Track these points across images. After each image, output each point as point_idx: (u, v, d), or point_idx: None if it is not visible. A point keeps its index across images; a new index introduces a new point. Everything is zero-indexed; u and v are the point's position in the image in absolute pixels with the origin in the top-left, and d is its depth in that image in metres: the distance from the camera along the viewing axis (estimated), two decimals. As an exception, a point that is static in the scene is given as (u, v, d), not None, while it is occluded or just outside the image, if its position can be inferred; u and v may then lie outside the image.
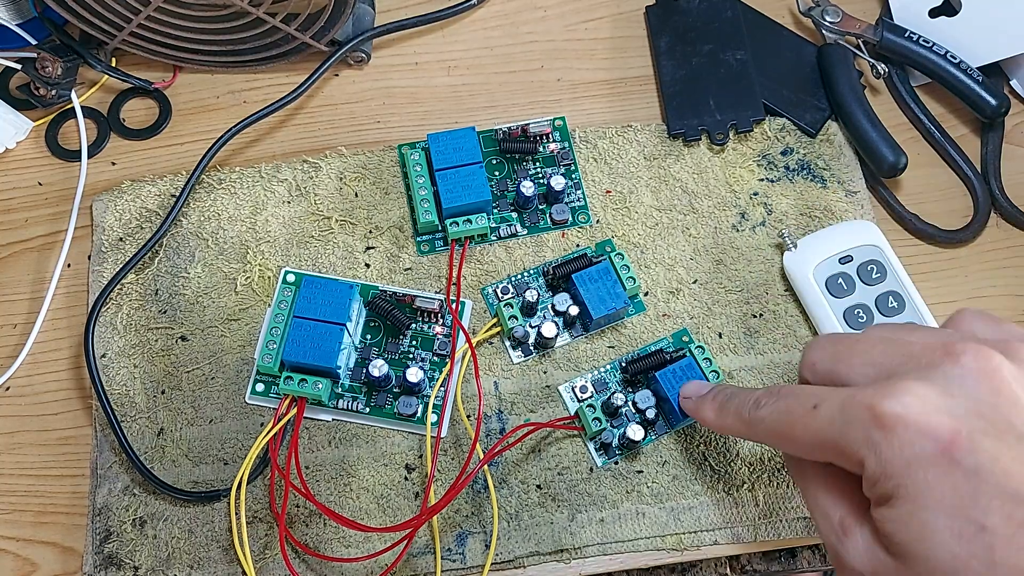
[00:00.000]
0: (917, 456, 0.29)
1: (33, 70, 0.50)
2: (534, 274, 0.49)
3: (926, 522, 0.29)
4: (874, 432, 0.30)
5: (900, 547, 0.29)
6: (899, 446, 0.29)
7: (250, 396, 0.46)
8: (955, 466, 0.28)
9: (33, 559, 0.44)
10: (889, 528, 0.30)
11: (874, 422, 0.30)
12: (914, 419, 0.29)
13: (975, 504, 0.28)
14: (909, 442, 0.29)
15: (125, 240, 0.49)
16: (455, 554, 0.43)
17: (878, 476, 0.30)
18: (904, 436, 0.29)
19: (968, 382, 0.30)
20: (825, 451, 0.32)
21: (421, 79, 0.55)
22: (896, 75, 0.55)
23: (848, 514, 0.32)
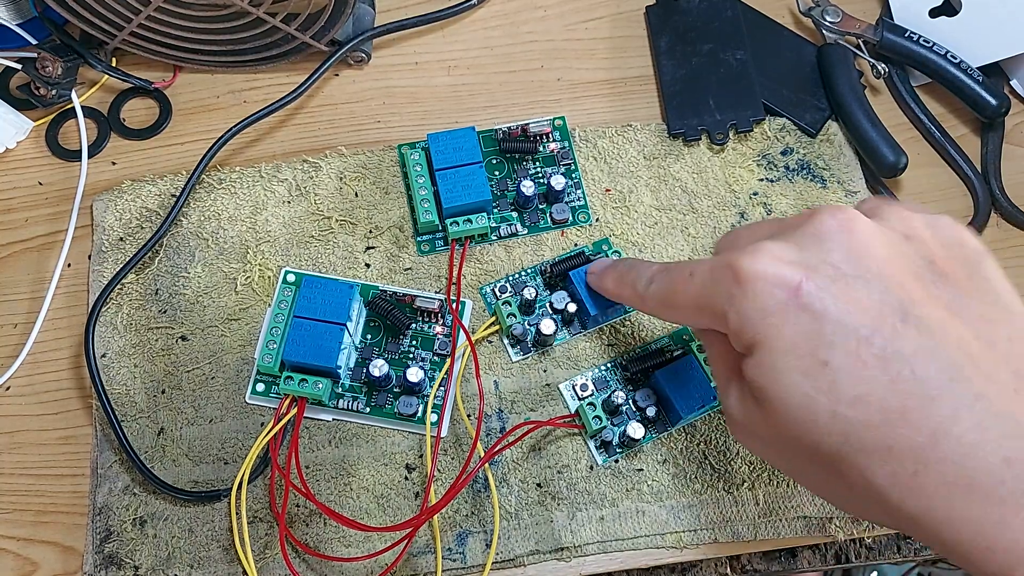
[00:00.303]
0: (769, 304, 0.31)
1: (33, 70, 0.50)
2: (532, 273, 0.49)
3: (778, 364, 0.31)
4: (734, 288, 0.32)
5: (761, 391, 0.32)
6: (753, 297, 0.31)
7: (250, 396, 0.46)
8: (803, 310, 0.30)
9: (33, 559, 0.44)
10: (751, 375, 0.32)
11: (734, 279, 0.32)
12: (766, 271, 0.31)
13: (819, 343, 0.30)
14: (762, 292, 0.31)
15: (125, 240, 0.49)
16: (455, 553, 0.43)
17: (739, 328, 0.32)
18: (757, 287, 0.31)
19: (822, 236, 0.32)
20: (701, 314, 0.35)
21: (421, 79, 0.55)
22: (896, 75, 0.55)
23: (728, 371, 0.35)
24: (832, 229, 0.32)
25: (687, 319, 0.37)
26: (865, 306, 0.30)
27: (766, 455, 0.35)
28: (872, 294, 0.30)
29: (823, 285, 0.30)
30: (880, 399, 0.29)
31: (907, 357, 0.29)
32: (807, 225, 0.32)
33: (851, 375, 0.29)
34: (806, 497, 0.45)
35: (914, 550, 0.46)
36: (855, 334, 0.30)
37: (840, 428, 0.30)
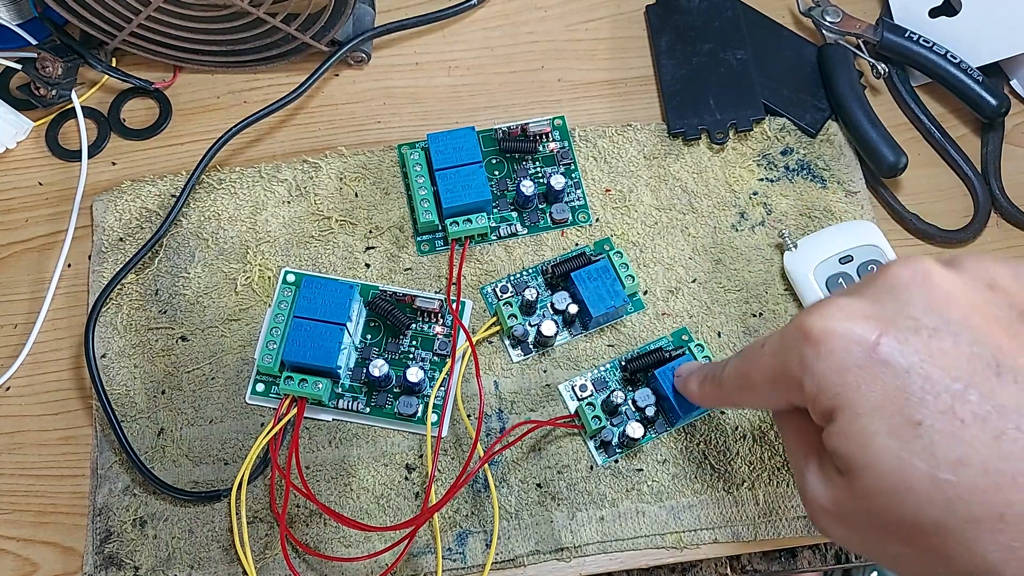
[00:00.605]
0: (846, 363, 0.29)
1: (33, 70, 0.50)
2: (533, 273, 0.49)
3: (864, 428, 0.28)
4: (805, 349, 0.30)
5: (846, 460, 0.29)
6: (828, 356, 0.29)
7: (250, 396, 0.46)
8: (885, 366, 0.28)
9: (33, 559, 0.44)
10: (834, 444, 0.29)
11: (804, 340, 0.30)
12: (840, 328, 0.29)
13: (908, 401, 0.27)
14: (837, 350, 0.29)
15: (125, 240, 0.49)
16: (455, 553, 0.43)
17: (815, 393, 0.29)
18: (832, 346, 0.29)
19: (898, 289, 0.30)
20: (776, 387, 0.32)
21: (421, 79, 0.55)
22: (896, 75, 0.55)
23: (807, 449, 0.32)
24: (907, 280, 0.30)
25: (767, 399, 0.34)
26: (953, 359, 0.27)
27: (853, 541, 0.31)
28: (960, 346, 0.28)
29: (904, 338, 0.28)
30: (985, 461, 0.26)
31: (1010, 412, 0.26)
32: (879, 278, 0.30)
33: (948, 435, 0.27)
34: (806, 497, 0.45)
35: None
36: (947, 389, 0.27)
37: (942, 496, 0.27)
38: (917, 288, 0.29)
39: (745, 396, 0.36)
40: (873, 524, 0.29)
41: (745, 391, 0.35)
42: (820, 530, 0.32)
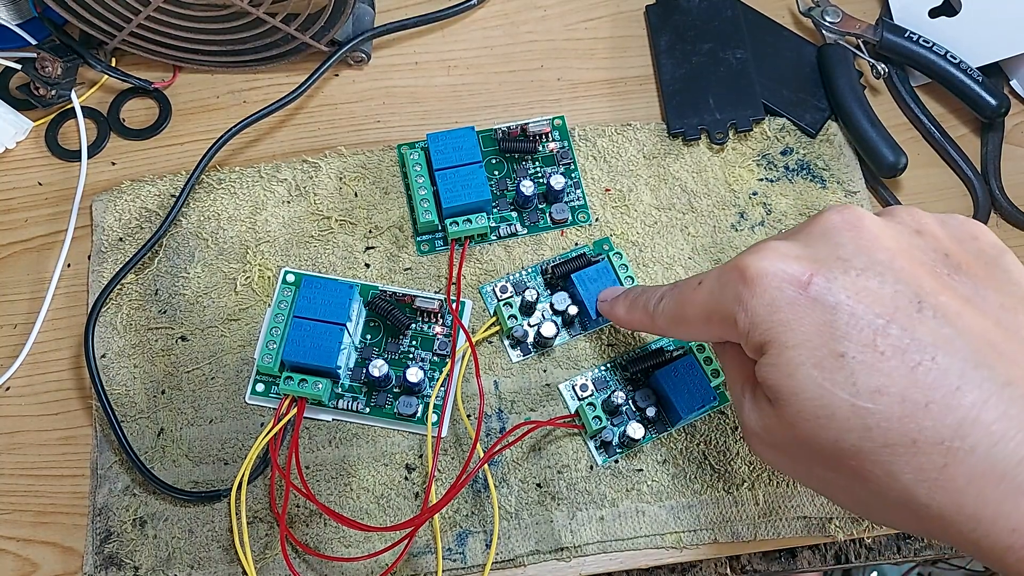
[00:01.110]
0: (778, 300, 0.30)
1: (33, 70, 0.50)
2: (532, 273, 0.49)
3: (791, 359, 0.30)
4: (741, 287, 0.31)
5: (775, 391, 0.31)
6: (761, 294, 0.31)
7: (250, 396, 0.46)
8: (814, 303, 0.30)
9: (33, 559, 0.44)
10: (764, 375, 0.31)
11: (741, 279, 0.31)
12: (774, 267, 0.31)
13: (833, 335, 0.29)
14: (770, 288, 0.31)
15: (125, 240, 0.49)
16: (455, 553, 0.43)
17: (749, 329, 0.31)
18: (765, 284, 0.31)
19: (830, 233, 0.32)
20: (711, 323, 0.34)
21: (421, 79, 0.55)
22: (896, 75, 0.55)
23: (743, 380, 0.34)
24: (839, 225, 0.31)
25: (699, 332, 0.36)
26: (879, 297, 0.29)
27: (783, 465, 0.33)
28: (885, 285, 0.30)
29: (833, 278, 0.30)
30: (901, 390, 0.28)
31: (927, 346, 0.28)
32: (813, 224, 0.32)
33: (869, 366, 0.29)
34: (806, 497, 0.45)
35: (914, 550, 0.46)
36: (870, 325, 0.29)
37: (860, 422, 0.29)
38: (848, 232, 0.31)
39: (678, 328, 0.37)
40: (800, 450, 0.31)
41: (679, 324, 0.37)
42: (755, 453, 0.35)
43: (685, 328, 0.37)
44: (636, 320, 0.41)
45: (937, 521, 0.28)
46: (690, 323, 0.36)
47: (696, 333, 0.37)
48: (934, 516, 0.28)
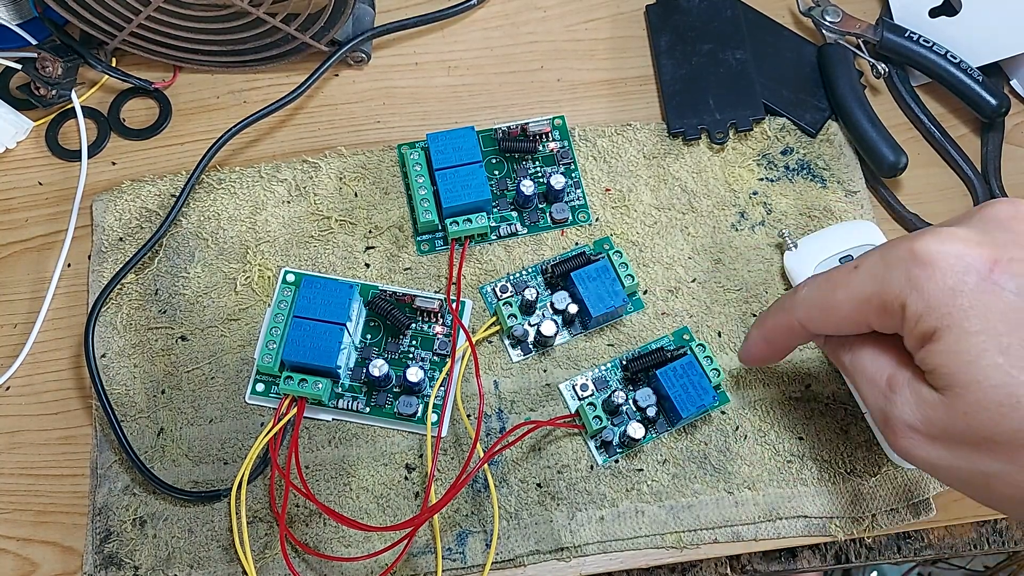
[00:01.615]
0: (959, 285, 0.30)
1: (33, 70, 0.50)
2: (532, 273, 0.49)
3: (973, 345, 0.29)
4: (915, 269, 0.30)
5: (948, 378, 0.30)
6: (941, 277, 0.30)
7: (250, 396, 0.46)
8: (998, 289, 0.29)
9: (33, 559, 0.44)
10: (935, 361, 0.30)
11: (914, 261, 0.31)
12: (955, 251, 0.30)
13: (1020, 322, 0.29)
14: (951, 271, 0.30)
15: (125, 240, 0.49)
16: (455, 553, 0.43)
17: (921, 312, 0.30)
18: (945, 266, 0.30)
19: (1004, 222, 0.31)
20: (867, 309, 0.33)
21: (421, 79, 0.55)
22: (896, 75, 0.55)
23: (894, 371, 0.33)
24: (1012, 215, 0.31)
25: (846, 320, 0.34)
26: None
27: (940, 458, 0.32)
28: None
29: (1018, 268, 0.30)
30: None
31: None
32: (983, 212, 0.32)
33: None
34: (806, 497, 0.45)
35: (914, 550, 0.46)
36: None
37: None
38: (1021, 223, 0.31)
39: (823, 318, 0.35)
40: (968, 440, 0.30)
41: (824, 312, 0.35)
42: (903, 451, 0.33)
43: (831, 315, 0.35)
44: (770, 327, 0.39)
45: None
46: (839, 309, 0.34)
47: (841, 321, 0.35)
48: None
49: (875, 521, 0.45)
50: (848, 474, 0.45)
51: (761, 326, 0.40)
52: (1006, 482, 0.31)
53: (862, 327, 0.34)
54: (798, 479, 0.45)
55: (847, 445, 0.46)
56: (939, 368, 0.30)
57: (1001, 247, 0.30)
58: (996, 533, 0.47)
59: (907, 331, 0.31)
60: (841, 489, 0.45)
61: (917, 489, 0.45)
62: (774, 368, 0.47)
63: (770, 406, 0.46)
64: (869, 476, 0.45)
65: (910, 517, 0.45)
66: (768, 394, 0.47)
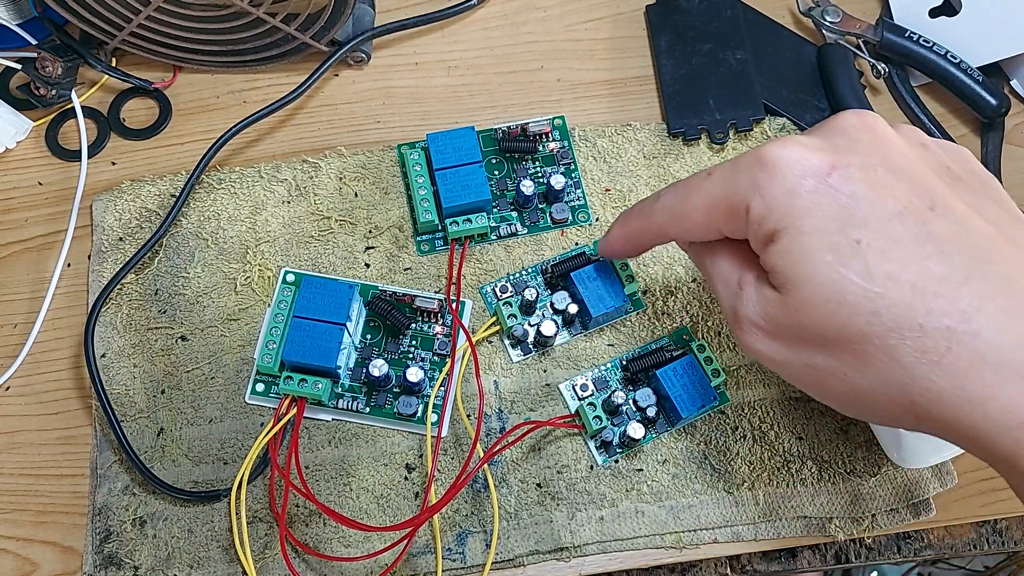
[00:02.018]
0: (797, 188, 0.31)
1: (33, 70, 0.50)
2: (532, 273, 0.49)
3: (805, 244, 0.31)
4: (759, 173, 0.32)
5: (783, 275, 0.31)
6: (782, 179, 0.31)
7: (250, 396, 0.46)
8: (834, 192, 0.31)
9: (33, 559, 0.44)
10: (774, 261, 0.32)
11: (759, 165, 0.32)
12: (795, 156, 0.31)
13: (850, 222, 0.30)
14: (791, 174, 0.31)
15: (125, 240, 0.49)
16: (455, 553, 0.43)
17: (764, 214, 0.32)
18: (785, 170, 0.31)
19: (849, 131, 0.33)
20: (716, 213, 0.34)
21: (421, 79, 0.55)
22: (896, 75, 0.55)
23: (743, 272, 0.34)
24: (857, 125, 0.33)
25: (698, 225, 0.36)
26: (895, 192, 0.31)
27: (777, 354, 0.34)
28: (900, 183, 0.31)
29: (853, 170, 0.31)
30: (912, 278, 0.29)
31: (939, 239, 0.30)
32: (831, 122, 0.33)
33: (884, 253, 0.30)
34: (806, 497, 0.45)
35: (914, 550, 0.46)
36: (887, 215, 0.30)
37: (870, 306, 0.30)
38: (865, 132, 0.32)
39: (676, 222, 0.37)
40: (802, 336, 0.32)
41: (678, 217, 0.36)
42: (746, 347, 0.35)
43: (685, 221, 0.36)
44: (632, 228, 0.40)
45: (933, 405, 0.30)
46: (692, 214, 0.35)
47: (694, 226, 0.36)
48: (932, 399, 0.30)
49: (875, 521, 0.45)
50: (848, 474, 0.45)
51: (624, 225, 0.41)
52: (834, 376, 0.32)
53: (714, 232, 0.35)
54: (798, 479, 0.45)
55: (847, 445, 0.46)
56: (776, 267, 0.32)
57: (841, 153, 0.31)
58: (996, 533, 0.47)
59: (751, 233, 0.33)
60: (841, 489, 0.45)
61: (917, 489, 0.45)
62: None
63: (770, 406, 0.46)
64: (869, 476, 0.45)
65: (910, 517, 0.45)
66: (768, 394, 0.47)
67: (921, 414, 0.30)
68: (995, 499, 0.46)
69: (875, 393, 0.31)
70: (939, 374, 0.29)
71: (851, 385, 0.32)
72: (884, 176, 0.31)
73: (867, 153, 0.32)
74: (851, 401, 0.33)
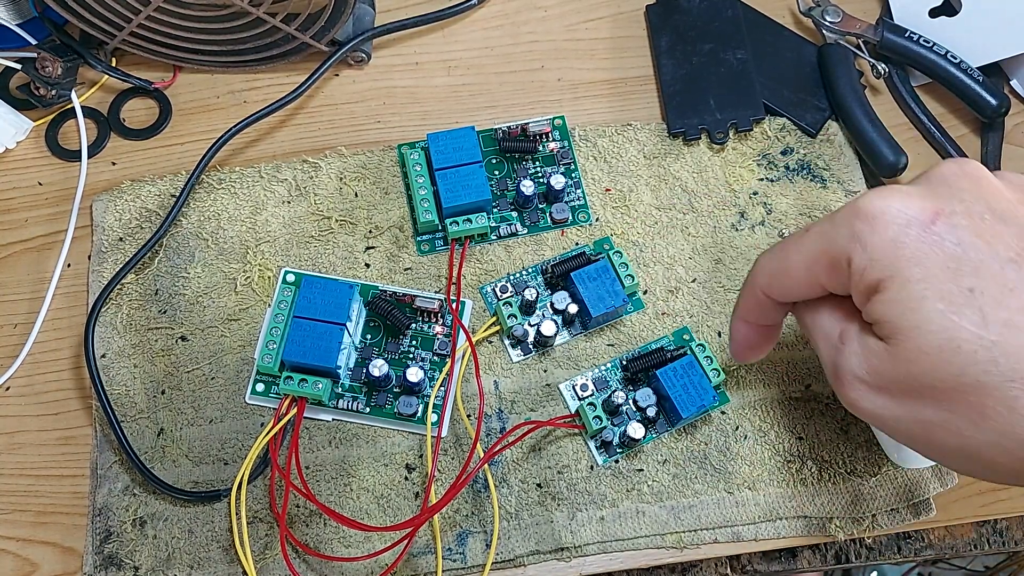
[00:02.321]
0: (901, 237, 0.30)
1: (33, 70, 0.50)
2: (533, 273, 0.49)
3: (914, 293, 0.30)
4: (859, 224, 0.31)
5: (891, 326, 0.31)
6: (883, 230, 0.31)
7: (250, 396, 0.46)
8: (940, 240, 0.30)
9: (33, 559, 0.44)
10: (880, 313, 0.31)
11: (858, 217, 0.31)
12: (896, 205, 0.31)
13: (960, 270, 0.29)
14: (893, 224, 0.30)
15: (125, 240, 0.49)
16: (455, 553, 0.43)
17: (866, 265, 0.31)
18: (888, 219, 0.31)
19: (950, 180, 0.32)
20: (817, 268, 0.33)
21: (421, 79, 0.55)
22: (896, 75, 0.55)
23: (845, 326, 0.34)
24: (958, 173, 0.32)
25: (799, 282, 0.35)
26: (1005, 239, 0.30)
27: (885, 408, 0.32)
28: (1009, 229, 0.30)
29: (958, 219, 0.30)
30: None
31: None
32: (930, 172, 0.33)
33: (999, 301, 0.29)
34: (806, 497, 0.45)
35: (914, 550, 0.46)
36: (999, 261, 0.29)
37: (987, 355, 0.29)
38: (967, 180, 0.32)
39: (778, 281, 0.36)
40: (912, 388, 0.31)
41: (779, 276, 0.36)
42: (851, 404, 0.33)
43: (786, 280, 0.35)
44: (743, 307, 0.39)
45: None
46: (793, 272, 0.35)
47: (796, 284, 0.35)
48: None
49: (875, 521, 0.45)
50: (848, 474, 0.45)
51: (736, 309, 0.40)
52: (946, 430, 0.31)
53: (816, 288, 0.34)
54: (798, 479, 0.45)
55: (847, 445, 0.46)
56: (883, 318, 0.31)
57: (943, 201, 0.31)
58: (996, 533, 0.47)
59: (854, 286, 0.32)
60: (841, 489, 0.45)
61: (917, 489, 0.45)
62: (774, 368, 0.47)
63: (770, 406, 0.46)
64: (869, 476, 0.45)
65: (910, 517, 0.45)
66: (768, 394, 0.47)
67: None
68: (995, 499, 0.46)
69: (993, 447, 0.30)
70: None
71: (966, 440, 0.30)
72: (992, 223, 0.30)
73: (971, 200, 0.31)
74: (966, 457, 0.31)
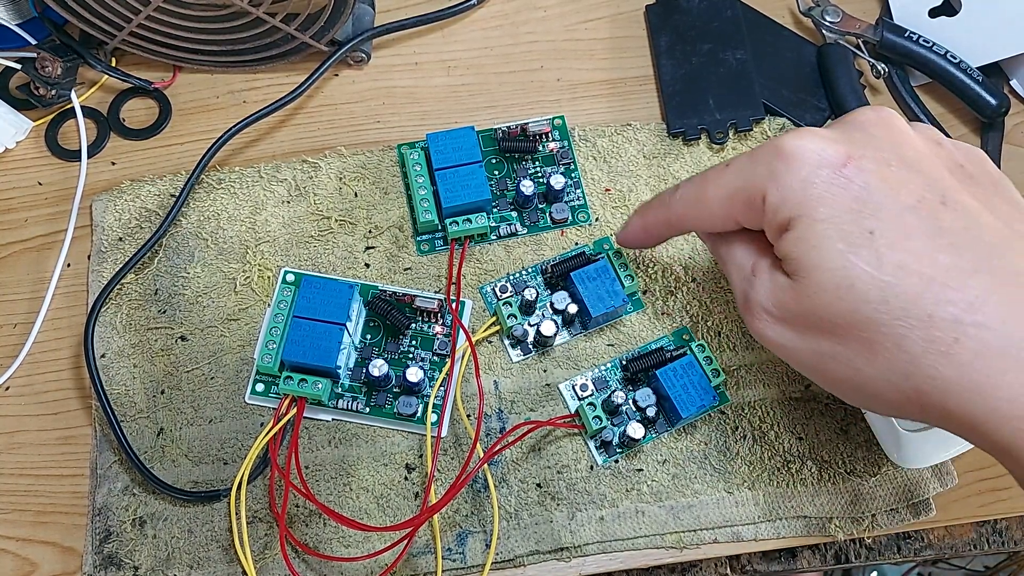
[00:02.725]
0: (813, 177, 0.32)
1: (33, 70, 0.50)
2: (532, 273, 0.49)
3: (818, 232, 0.32)
4: (776, 163, 0.33)
5: (796, 262, 0.32)
6: (798, 169, 0.32)
7: (250, 396, 0.46)
8: (848, 183, 0.32)
9: (33, 559, 0.44)
10: (787, 249, 0.32)
11: (776, 156, 0.33)
12: (812, 147, 0.32)
13: (863, 213, 0.31)
14: (807, 165, 0.32)
15: (125, 240, 0.49)
16: (455, 553, 0.43)
17: (779, 203, 0.33)
18: (802, 161, 0.32)
19: (864, 126, 0.34)
20: (733, 203, 0.35)
21: (421, 79, 0.55)
22: (896, 75, 0.55)
23: (757, 259, 0.35)
24: (873, 120, 0.34)
25: (716, 214, 0.37)
26: (908, 186, 0.32)
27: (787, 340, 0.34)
28: (914, 176, 0.32)
29: (868, 163, 0.32)
30: (922, 268, 0.30)
31: (949, 232, 0.31)
32: (849, 117, 0.34)
33: (895, 244, 0.31)
34: (806, 497, 0.45)
35: (914, 550, 0.46)
36: (900, 206, 0.31)
37: (880, 295, 0.30)
38: (881, 128, 0.33)
39: (695, 212, 0.38)
40: (811, 322, 0.33)
41: (697, 207, 0.37)
42: (756, 333, 0.35)
43: (704, 211, 0.37)
44: (651, 219, 0.41)
45: (937, 395, 0.30)
46: (710, 204, 0.36)
47: (712, 216, 0.37)
48: (936, 389, 0.30)
49: (875, 521, 0.45)
50: (848, 474, 0.45)
51: (643, 216, 0.42)
52: (840, 363, 0.33)
53: (732, 222, 0.36)
54: (798, 479, 0.45)
55: (847, 445, 0.46)
56: (790, 254, 0.32)
57: (857, 146, 0.32)
58: (996, 533, 0.47)
59: (767, 222, 0.34)
60: (841, 489, 0.45)
61: (917, 489, 0.45)
62: (774, 368, 0.47)
63: (770, 406, 0.46)
64: (869, 476, 0.45)
65: (910, 517, 0.45)
66: (768, 394, 0.47)
67: (925, 403, 0.31)
68: (995, 499, 0.46)
69: (880, 381, 0.32)
70: (945, 363, 0.30)
71: (857, 372, 0.32)
72: (898, 170, 0.32)
73: (882, 147, 0.32)
74: (856, 389, 0.33)
